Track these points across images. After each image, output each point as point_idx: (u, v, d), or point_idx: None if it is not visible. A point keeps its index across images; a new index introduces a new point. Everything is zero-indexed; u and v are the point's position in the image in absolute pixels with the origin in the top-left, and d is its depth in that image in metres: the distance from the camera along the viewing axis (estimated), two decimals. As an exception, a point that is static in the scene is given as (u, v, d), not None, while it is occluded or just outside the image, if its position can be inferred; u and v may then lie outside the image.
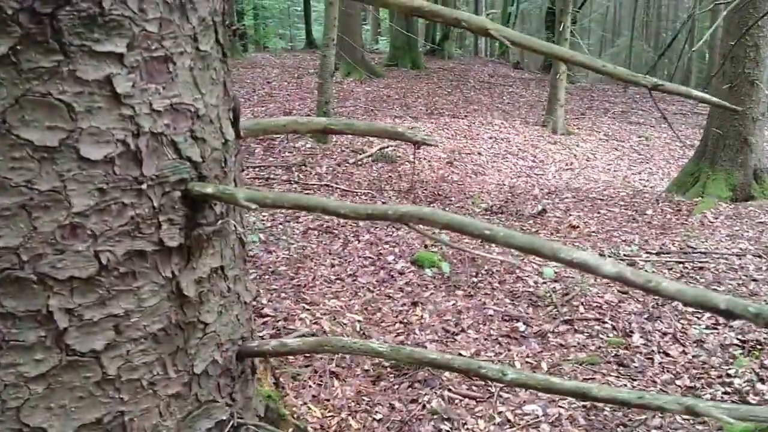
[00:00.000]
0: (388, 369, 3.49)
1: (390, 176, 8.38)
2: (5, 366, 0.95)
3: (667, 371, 3.56)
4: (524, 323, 4.12)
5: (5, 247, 0.93)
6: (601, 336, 3.96)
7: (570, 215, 7.00)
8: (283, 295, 4.28)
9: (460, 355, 3.70)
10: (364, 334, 3.89)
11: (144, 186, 1.01)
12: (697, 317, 4.17)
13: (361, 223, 6.00)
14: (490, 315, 4.25)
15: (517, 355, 3.71)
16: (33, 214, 0.94)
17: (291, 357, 3.35)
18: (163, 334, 1.07)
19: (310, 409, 3.01)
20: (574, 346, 3.83)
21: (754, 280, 4.91)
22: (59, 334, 0.98)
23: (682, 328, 4.05)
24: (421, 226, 1.00)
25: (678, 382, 3.43)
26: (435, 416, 3.03)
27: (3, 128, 0.90)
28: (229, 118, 1.13)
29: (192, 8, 1.03)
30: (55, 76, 0.92)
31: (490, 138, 11.43)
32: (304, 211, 6.22)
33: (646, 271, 5.04)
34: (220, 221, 1.11)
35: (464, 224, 0.91)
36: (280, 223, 6.05)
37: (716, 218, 6.82)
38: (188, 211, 1.07)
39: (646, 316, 4.20)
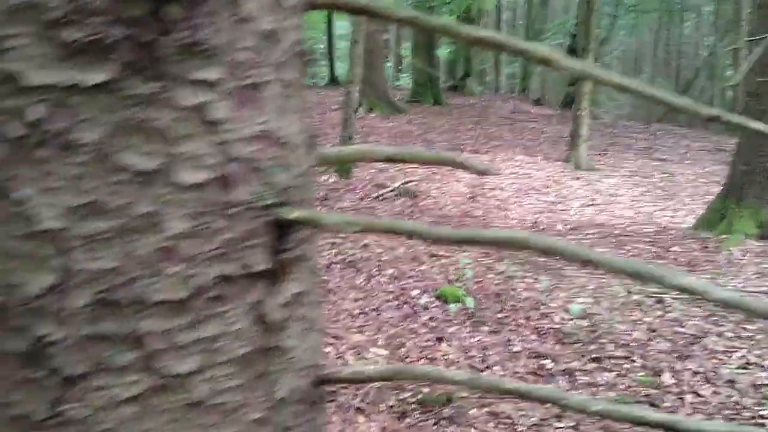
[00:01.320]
0: (413, 405, 3.45)
1: (412, 211, 8.41)
2: (96, 389, 0.97)
3: (699, 411, 3.49)
4: (551, 360, 4.07)
5: (101, 269, 0.95)
6: (630, 375, 3.89)
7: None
8: (310, 327, 4.26)
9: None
10: (390, 368, 3.86)
11: (233, 211, 1.04)
12: (727, 356, 4.09)
13: (384, 257, 6.00)
14: (517, 351, 4.19)
15: (547, 392, 3.65)
16: (129, 238, 0.96)
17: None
18: (247, 359, 1.08)
19: (334, 445, 2.98)
20: (603, 385, 3.76)
21: (786, 319, 4.83)
22: (150, 357, 0.99)
23: (713, 367, 3.98)
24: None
25: (711, 423, 3.36)
26: (464, 454, 2.98)
27: (102, 153, 0.93)
28: (307, 144, 1.15)
29: (278, 39, 1.06)
30: (153, 103, 0.96)
31: (513, 173, 11.44)
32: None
33: (675, 308, 4.98)
34: (301, 246, 1.12)
35: (564, 249, 0.92)
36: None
37: (744, 255, 6.72)
38: (273, 236, 1.08)
39: (676, 355, 4.13)
